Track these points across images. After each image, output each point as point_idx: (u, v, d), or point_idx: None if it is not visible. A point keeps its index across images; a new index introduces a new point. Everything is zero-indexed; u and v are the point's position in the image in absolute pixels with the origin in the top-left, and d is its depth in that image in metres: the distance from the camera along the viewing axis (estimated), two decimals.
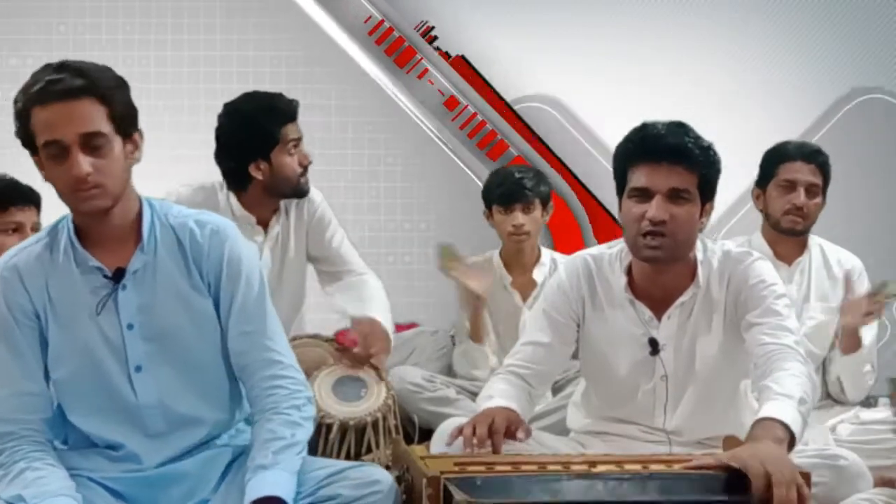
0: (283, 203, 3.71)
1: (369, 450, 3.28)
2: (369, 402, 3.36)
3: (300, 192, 3.68)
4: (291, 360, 2.53)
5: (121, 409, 2.45)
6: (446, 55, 5.44)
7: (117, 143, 2.38)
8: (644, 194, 2.77)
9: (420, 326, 4.62)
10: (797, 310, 3.55)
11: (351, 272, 3.79)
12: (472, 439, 2.64)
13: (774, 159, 3.80)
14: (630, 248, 2.85)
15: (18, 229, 3.43)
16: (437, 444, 2.79)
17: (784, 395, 2.56)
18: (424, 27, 5.44)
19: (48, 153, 2.35)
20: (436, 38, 5.45)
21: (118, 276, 2.43)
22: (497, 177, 4.18)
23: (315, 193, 3.77)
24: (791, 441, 2.49)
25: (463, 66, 5.46)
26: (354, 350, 3.44)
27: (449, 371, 4.15)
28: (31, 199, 3.48)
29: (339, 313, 3.72)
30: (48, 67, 2.38)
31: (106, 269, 2.43)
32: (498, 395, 2.82)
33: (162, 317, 2.45)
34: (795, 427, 2.50)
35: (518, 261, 4.16)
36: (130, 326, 2.44)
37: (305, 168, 3.65)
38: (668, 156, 2.76)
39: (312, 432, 2.51)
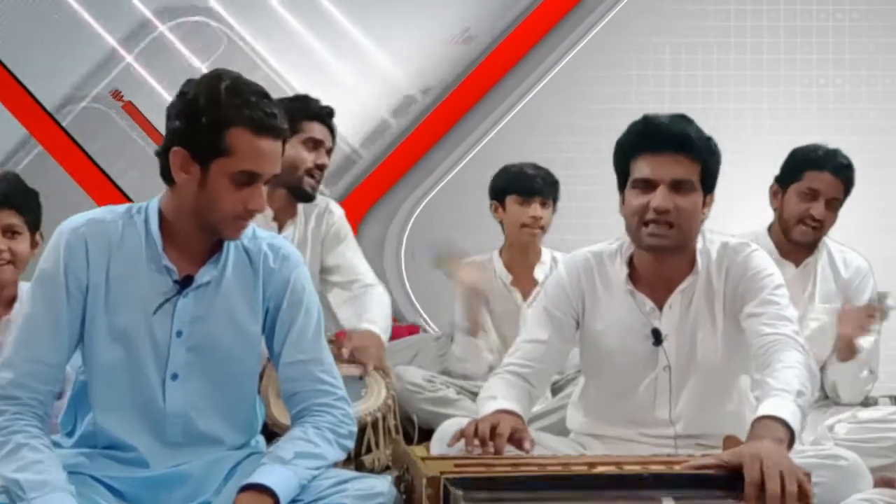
0: (303, 212, 3.81)
1: (369, 449, 3.28)
2: (369, 402, 3.35)
3: (300, 191, 3.73)
4: (343, 393, 2.55)
5: (145, 412, 2.44)
6: None
7: None
8: (647, 185, 2.79)
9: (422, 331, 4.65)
10: (801, 311, 3.49)
11: (358, 282, 3.85)
12: (473, 438, 2.62)
13: (802, 163, 3.71)
14: (633, 239, 2.86)
15: None
16: (437, 444, 2.79)
17: (782, 389, 2.57)
18: None
19: (238, 178, 2.36)
20: None
21: (186, 283, 2.44)
22: (513, 170, 4.17)
23: (336, 208, 3.90)
24: (791, 437, 2.50)
25: None
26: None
27: (449, 372, 4.15)
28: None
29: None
30: (258, 93, 2.38)
31: (176, 273, 2.44)
32: (501, 395, 2.81)
33: (211, 331, 2.46)
34: (794, 422, 2.51)
35: (520, 259, 4.15)
36: (179, 334, 2.44)
37: (314, 170, 3.72)
38: (671, 146, 2.78)
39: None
